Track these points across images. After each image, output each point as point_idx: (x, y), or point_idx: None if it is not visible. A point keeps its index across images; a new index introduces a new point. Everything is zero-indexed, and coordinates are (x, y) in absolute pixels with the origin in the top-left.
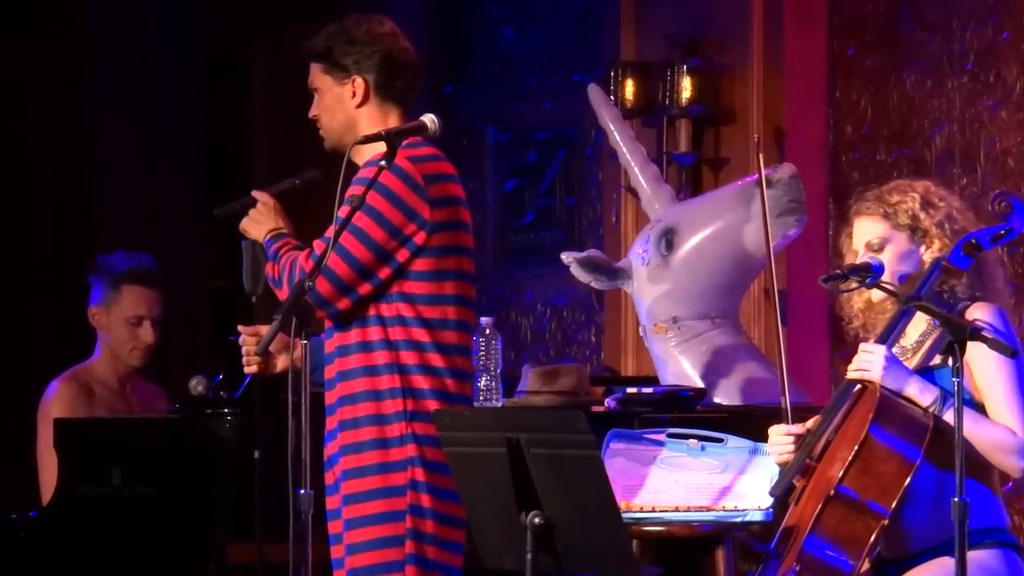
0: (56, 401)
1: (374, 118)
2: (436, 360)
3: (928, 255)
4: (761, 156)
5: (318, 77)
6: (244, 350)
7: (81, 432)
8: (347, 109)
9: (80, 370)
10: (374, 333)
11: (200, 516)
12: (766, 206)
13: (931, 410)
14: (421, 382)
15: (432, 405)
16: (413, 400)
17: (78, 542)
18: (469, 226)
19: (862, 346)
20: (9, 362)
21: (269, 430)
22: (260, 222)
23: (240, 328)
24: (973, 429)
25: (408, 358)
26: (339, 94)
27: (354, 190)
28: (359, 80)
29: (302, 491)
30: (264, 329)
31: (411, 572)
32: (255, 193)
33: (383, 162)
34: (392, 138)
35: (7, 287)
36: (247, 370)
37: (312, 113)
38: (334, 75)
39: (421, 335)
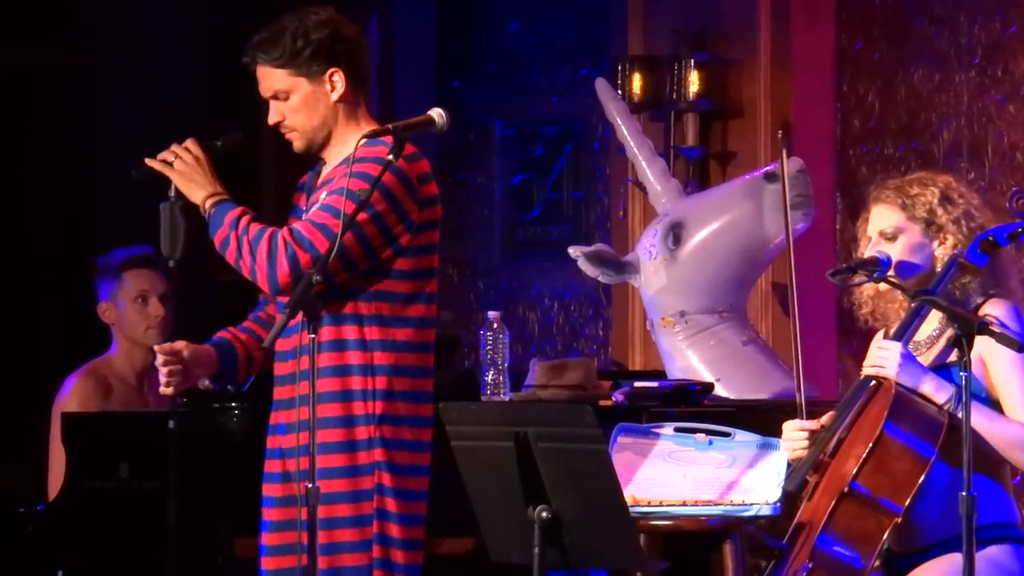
0: (73, 396)
1: (351, 109)
2: (410, 359)
3: (941, 251)
4: (784, 151)
5: (283, 80)
6: (162, 372)
7: (88, 426)
8: (328, 104)
9: (98, 364)
10: (349, 332)
11: (207, 510)
12: (786, 200)
13: (946, 407)
14: (393, 384)
15: (402, 408)
16: (384, 403)
17: (85, 536)
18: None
19: (878, 342)
20: (17, 359)
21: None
22: (195, 180)
23: (156, 348)
24: (989, 426)
25: (382, 359)
26: (316, 91)
27: (347, 180)
28: (339, 73)
29: (309, 485)
30: (180, 345)
31: None
32: (185, 144)
33: (390, 156)
34: (401, 132)
35: (14, 284)
36: (164, 391)
37: (275, 119)
38: (309, 75)
39: (400, 334)
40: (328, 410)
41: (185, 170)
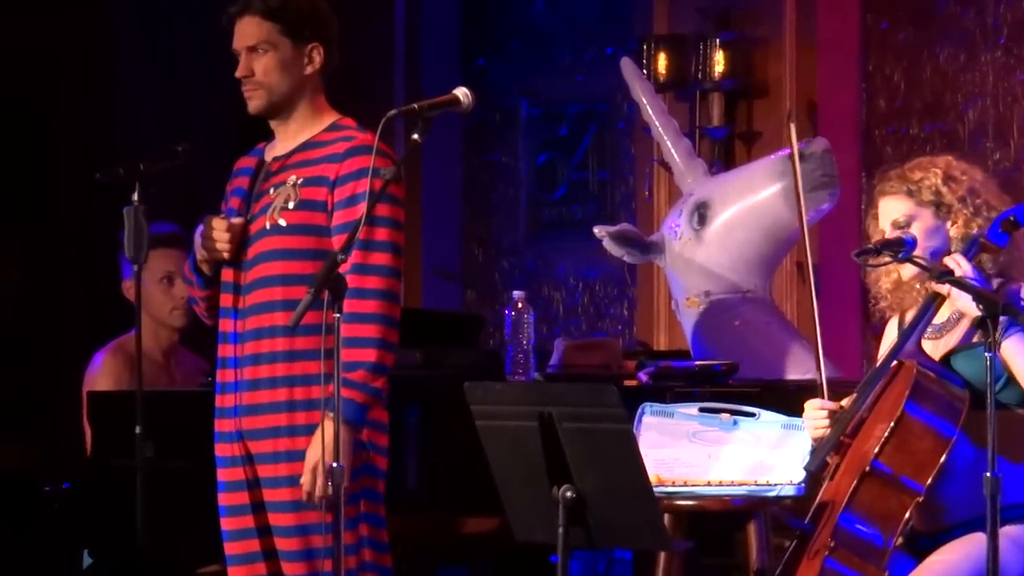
0: (103, 373)
1: (315, 91)
2: None
3: (954, 230)
4: (794, 133)
5: (270, 34)
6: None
7: (114, 405)
8: (301, 74)
9: (125, 341)
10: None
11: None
12: (799, 188)
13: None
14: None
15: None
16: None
17: (111, 513)
18: None
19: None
20: (41, 337)
21: None
22: None
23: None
24: None
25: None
26: (296, 57)
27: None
28: (318, 51)
29: (335, 464)
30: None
31: (368, 555)
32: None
33: (415, 136)
34: (426, 112)
35: (39, 261)
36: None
37: (245, 72)
38: (295, 38)
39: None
40: (317, 392)
41: None
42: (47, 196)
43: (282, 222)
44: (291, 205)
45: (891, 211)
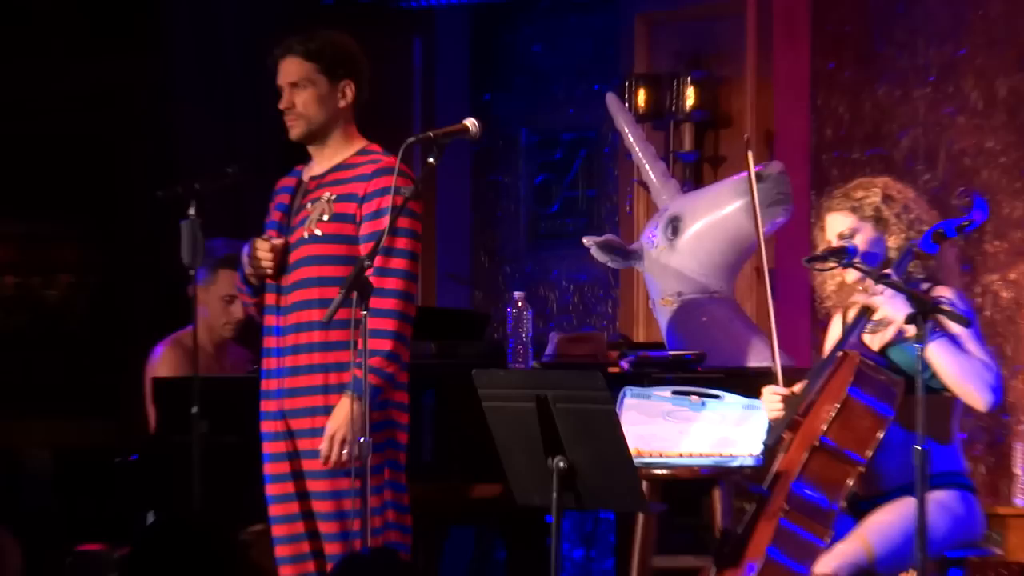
0: (162, 363)
1: (348, 120)
2: None
3: (891, 241)
4: (751, 154)
5: (309, 72)
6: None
7: (174, 389)
8: (335, 107)
9: (182, 336)
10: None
11: None
12: (754, 192)
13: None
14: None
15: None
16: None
17: (172, 480)
18: None
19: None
20: (113, 331)
21: None
22: None
23: (261, 244)
24: (957, 353)
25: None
26: (331, 92)
27: (357, 187)
28: (350, 87)
29: (362, 439)
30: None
31: (391, 515)
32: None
33: (431, 159)
34: (440, 139)
35: (113, 267)
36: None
37: (287, 104)
38: (330, 75)
39: None
40: (348, 377)
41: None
42: (121, 212)
43: (318, 232)
44: (326, 217)
45: (837, 225)
